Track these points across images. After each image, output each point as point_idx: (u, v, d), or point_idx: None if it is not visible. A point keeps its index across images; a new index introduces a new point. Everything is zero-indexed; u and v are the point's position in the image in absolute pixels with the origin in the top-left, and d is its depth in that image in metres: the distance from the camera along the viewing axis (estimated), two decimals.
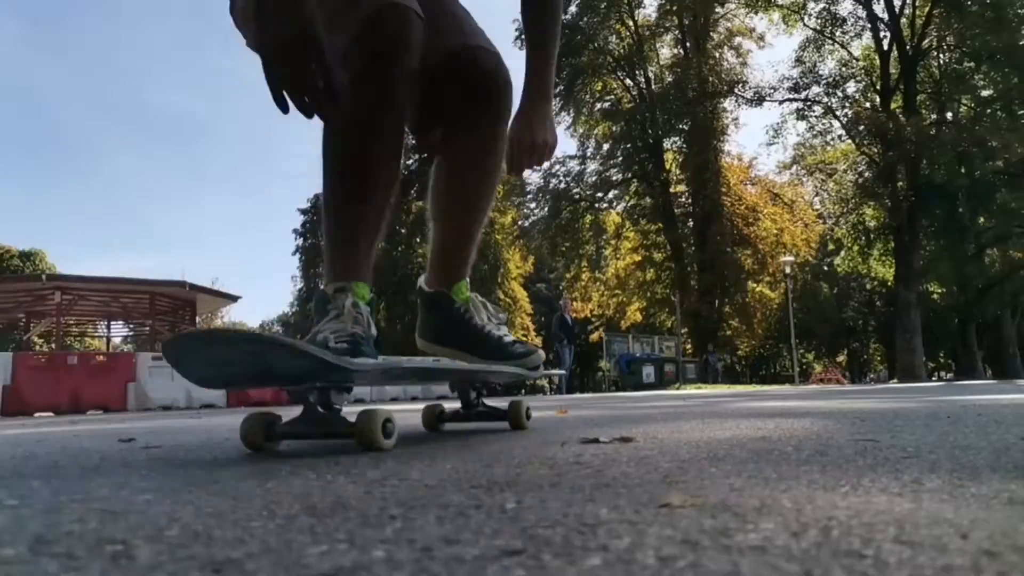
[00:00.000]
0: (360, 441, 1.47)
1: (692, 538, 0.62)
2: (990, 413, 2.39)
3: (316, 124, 1.55)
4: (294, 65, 1.34)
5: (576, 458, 1.28)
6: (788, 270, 27.88)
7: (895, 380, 27.45)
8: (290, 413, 1.60)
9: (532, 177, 32.20)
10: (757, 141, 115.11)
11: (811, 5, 29.36)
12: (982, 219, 29.74)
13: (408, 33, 1.52)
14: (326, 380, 1.44)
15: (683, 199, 31.61)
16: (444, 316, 1.87)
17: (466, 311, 1.87)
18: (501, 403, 2.20)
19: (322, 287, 1.58)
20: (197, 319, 24.74)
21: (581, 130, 31.91)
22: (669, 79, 30.40)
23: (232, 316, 58.65)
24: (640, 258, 30.65)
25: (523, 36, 1.95)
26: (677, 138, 30.74)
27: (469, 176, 1.83)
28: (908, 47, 26.99)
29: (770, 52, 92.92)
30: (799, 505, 0.76)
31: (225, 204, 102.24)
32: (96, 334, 29.30)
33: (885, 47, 27.78)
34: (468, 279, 1.91)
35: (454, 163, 1.84)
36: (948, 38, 27.33)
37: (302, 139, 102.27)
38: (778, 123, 30.61)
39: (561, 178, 31.64)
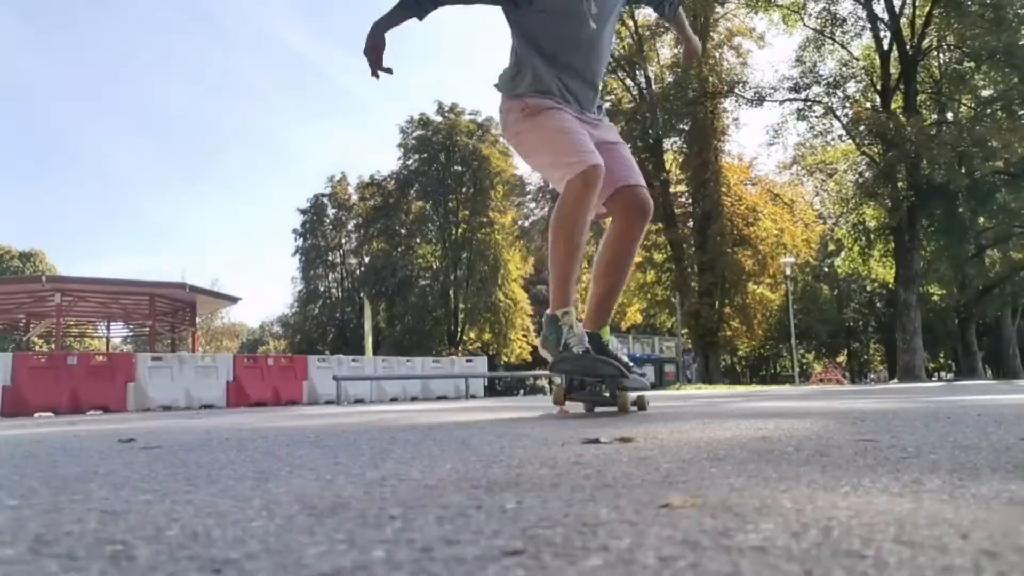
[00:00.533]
0: (619, 408, 2.92)
1: (692, 538, 0.62)
2: (990, 413, 2.39)
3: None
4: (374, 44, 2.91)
5: (577, 458, 1.28)
6: (788, 271, 27.86)
7: (895, 380, 27.43)
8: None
9: (532, 177, 32.23)
10: (757, 141, 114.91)
11: (811, 5, 29.33)
12: (982, 219, 29.71)
13: (600, 177, 2.78)
14: (615, 377, 2.91)
15: (683, 199, 31.59)
16: (595, 346, 2.95)
17: (607, 344, 3.05)
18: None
19: (549, 311, 2.92)
20: (197, 320, 24.76)
21: None
22: (669, 79, 30.37)
23: (232, 317, 58.72)
24: (640, 259, 30.62)
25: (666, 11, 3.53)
26: (677, 138, 30.70)
27: (625, 258, 3.14)
28: (908, 47, 26.96)
29: (770, 52, 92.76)
30: (799, 505, 0.76)
31: (225, 205, 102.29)
32: (96, 334, 29.30)
33: (885, 47, 27.74)
34: (608, 326, 3.16)
35: (615, 246, 3.09)
36: (948, 38, 27.28)
37: (303, 140, 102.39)
38: (778, 123, 30.48)
39: None
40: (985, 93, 28.52)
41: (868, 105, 28.21)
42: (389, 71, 2.89)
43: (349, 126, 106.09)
